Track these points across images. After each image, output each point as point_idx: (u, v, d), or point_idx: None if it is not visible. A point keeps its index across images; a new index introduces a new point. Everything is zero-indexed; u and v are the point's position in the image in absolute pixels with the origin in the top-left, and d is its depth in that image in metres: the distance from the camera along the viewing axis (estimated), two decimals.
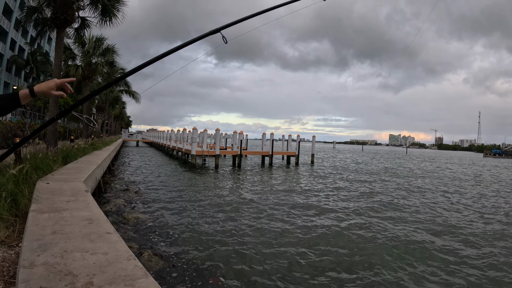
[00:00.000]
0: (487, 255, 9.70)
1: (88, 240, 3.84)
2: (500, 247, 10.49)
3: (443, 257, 9.25)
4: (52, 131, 14.55)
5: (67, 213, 5.07)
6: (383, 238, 10.89)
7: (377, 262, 8.65)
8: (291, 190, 19.80)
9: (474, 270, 8.49)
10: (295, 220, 12.69)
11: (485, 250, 10.11)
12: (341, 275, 7.85)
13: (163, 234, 10.20)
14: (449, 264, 8.76)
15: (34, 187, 6.93)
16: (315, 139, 44.71)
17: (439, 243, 10.54)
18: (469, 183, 28.36)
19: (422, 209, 15.74)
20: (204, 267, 7.88)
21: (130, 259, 3.33)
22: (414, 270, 8.26)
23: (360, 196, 18.59)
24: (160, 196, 16.14)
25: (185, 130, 42.93)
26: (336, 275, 7.81)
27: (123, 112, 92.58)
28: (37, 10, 16.03)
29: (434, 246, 10.21)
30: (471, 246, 10.46)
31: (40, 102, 31.51)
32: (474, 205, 17.70)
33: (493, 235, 11.81)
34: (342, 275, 7.85)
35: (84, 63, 27.17)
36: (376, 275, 7.90)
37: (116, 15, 16.60)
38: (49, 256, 3.29)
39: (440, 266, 8.57)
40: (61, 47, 15.59)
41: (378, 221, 13.04)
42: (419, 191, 21.52)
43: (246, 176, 25.69)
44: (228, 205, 14.88)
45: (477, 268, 8.64)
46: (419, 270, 8.29)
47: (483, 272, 8.40)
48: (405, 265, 8.58)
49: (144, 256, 7.59)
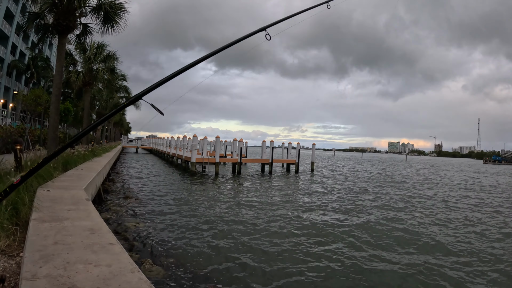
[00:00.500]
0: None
1: (91, 251, 3.78)
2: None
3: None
4: (52, 138, 14.54)
5: (69, 223, 5.01)
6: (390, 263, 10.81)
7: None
8: (291, 200, 19.74)
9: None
10: (295, 231, 12.60)
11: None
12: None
13: (163, 242, 10.12)
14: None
15: (35, 194, 6.87)
16: (315, 147, 44.69)
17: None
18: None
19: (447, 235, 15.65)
20: (202, 274, 7.82)
21: (134, 271, 3.27)
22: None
23: (365, 209, 18.50)
24: (159, 204, 16.06)
25: (185, 137, 42.91)
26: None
27: (123, 119, 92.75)
28: (39, 16, 16.07)
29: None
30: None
31: (40, 107, 31.46)
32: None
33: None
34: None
35: (85, 69, 27.24)
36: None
37: (118, 22, 16.65)
38: (52, 268, 3.23)
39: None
40: (62, 53, 15.63)
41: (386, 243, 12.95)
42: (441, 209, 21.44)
43: (246, 185, 25.62)
44: (227, 214, 14.81)
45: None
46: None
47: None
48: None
49: (145, 266, 7.52)
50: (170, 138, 53.08)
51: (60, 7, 15.01)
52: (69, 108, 40.14)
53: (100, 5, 16.03)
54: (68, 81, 28.17)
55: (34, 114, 37.78)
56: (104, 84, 31.72)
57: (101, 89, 35.26)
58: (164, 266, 8.10)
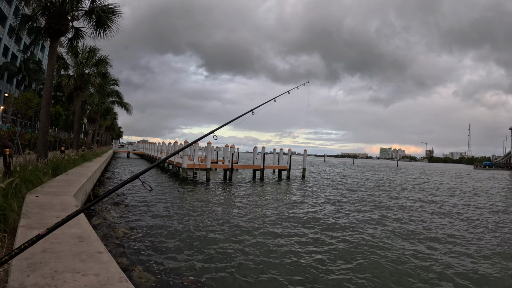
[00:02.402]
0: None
1: (79, 260, 3.76)
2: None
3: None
4: (43, 142, 14.39)
5: (57, 230, 4.96)
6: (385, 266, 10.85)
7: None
8: (282, 207, 19.75)
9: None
10: (285, 239, 12.61)
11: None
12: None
13: (153, 249, 10.07)
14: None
15: (23, 200, 6.81)
16: (306, 153, 44.79)
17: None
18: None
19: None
20: (192, 280, 7.79)
21: (122, 281, 3.26)
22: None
23: (354, 215, 18.58)
24: (150, 210, 15.98)
25: (176, 143, 42.74)
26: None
27: (114, 123, 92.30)
28: (32, 18, 15.94)
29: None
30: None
31: (31, 111, 31.24)
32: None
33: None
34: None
35: (77, 73, 27.05)
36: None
37: (111, 27, 16.57)
38: (39, 277, 3.21)
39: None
40: (54, 57, 15.53)
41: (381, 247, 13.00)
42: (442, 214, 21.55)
43: (237, 191, 25.55)
44: (217, 220, 14.78)
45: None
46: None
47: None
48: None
49: (135, 273, 7.47)
50: (162, 143, 52.89)
51: (53, 10, 14.93)
52: (60, 112, 39.89)
53: (93, 9, 15.94)
54: (60, 85, 27.98)
55: (25, 117, 37.52)
56: (96, 89, 31.52)
57: (92, 93, 35.01)
58: (154, 273, 8.06)
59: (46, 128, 14.96)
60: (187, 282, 7.70)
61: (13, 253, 2.20)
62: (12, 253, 2.20)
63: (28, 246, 2.24)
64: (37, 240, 2.29)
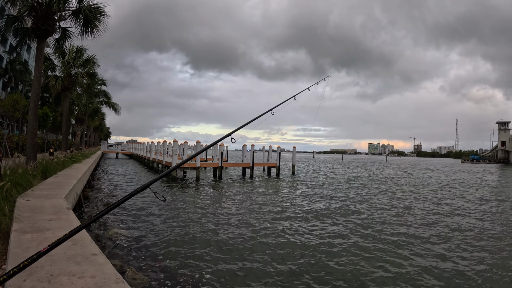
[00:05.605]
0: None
1: (74, 263, 3.79)
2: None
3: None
4: (31, 145, 14.27)
5: (50, 233, 5.00)
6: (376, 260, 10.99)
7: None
8: (273, 204, 19.85)
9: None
10: (277, 237, 12.71)
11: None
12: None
13: (145, 249, 10.09)
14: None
15: (15, 204, 6.79)
16: (295, 150, 44.94)
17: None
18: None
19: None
20: (184, 280, 7.84)
21: (118, 282, 3.31)
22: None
23: (343, 210, 18.75)
24: (140, 211, 15.97)
25: (165, 142, 42.56)
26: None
27: (103, 124, 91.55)
28: (18, 19, 15.76)
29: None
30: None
31: (18, 113, 30.86)
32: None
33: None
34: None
35: (64, 74, 26.82)
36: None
37: (98, 27, 16.47)
38: (36, 281, 3.25)
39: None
40: (41, 58, 15.41)
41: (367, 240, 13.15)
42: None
43: (227, 190, 25.56)
44: (209, 219, 14.84)
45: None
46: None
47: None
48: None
49: (128, 274, 7.49)
50: (151, 143, 52.65)
51: (39, 10, 14.79)
52: (48, 113, 39.46)
53: (80, 9, 15.82)
54: (47, 86, 27.70)
55: (12, 119, 37.04)
56: (83, 89, 31.28)
57: (80, 94, 34.74)
58: (148, 273, 8.09)
59: (35, 130, 14.84)
60: (180, 280, 7.76)
61: (12, 272, 2.22)
62: (11, 272, 2.22)
63: (28, 264, 2.26)
64: (37, 258, 2.28)
